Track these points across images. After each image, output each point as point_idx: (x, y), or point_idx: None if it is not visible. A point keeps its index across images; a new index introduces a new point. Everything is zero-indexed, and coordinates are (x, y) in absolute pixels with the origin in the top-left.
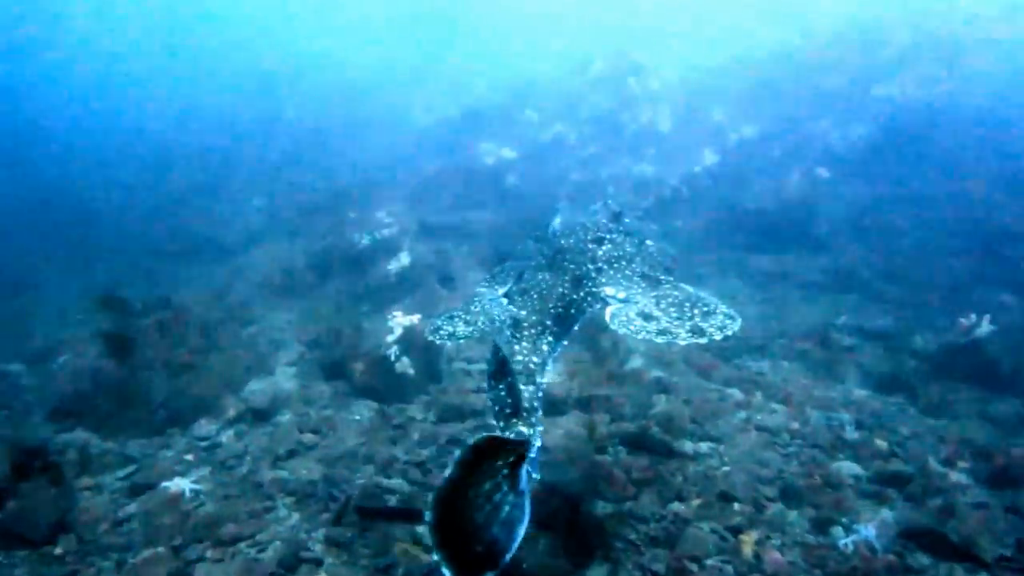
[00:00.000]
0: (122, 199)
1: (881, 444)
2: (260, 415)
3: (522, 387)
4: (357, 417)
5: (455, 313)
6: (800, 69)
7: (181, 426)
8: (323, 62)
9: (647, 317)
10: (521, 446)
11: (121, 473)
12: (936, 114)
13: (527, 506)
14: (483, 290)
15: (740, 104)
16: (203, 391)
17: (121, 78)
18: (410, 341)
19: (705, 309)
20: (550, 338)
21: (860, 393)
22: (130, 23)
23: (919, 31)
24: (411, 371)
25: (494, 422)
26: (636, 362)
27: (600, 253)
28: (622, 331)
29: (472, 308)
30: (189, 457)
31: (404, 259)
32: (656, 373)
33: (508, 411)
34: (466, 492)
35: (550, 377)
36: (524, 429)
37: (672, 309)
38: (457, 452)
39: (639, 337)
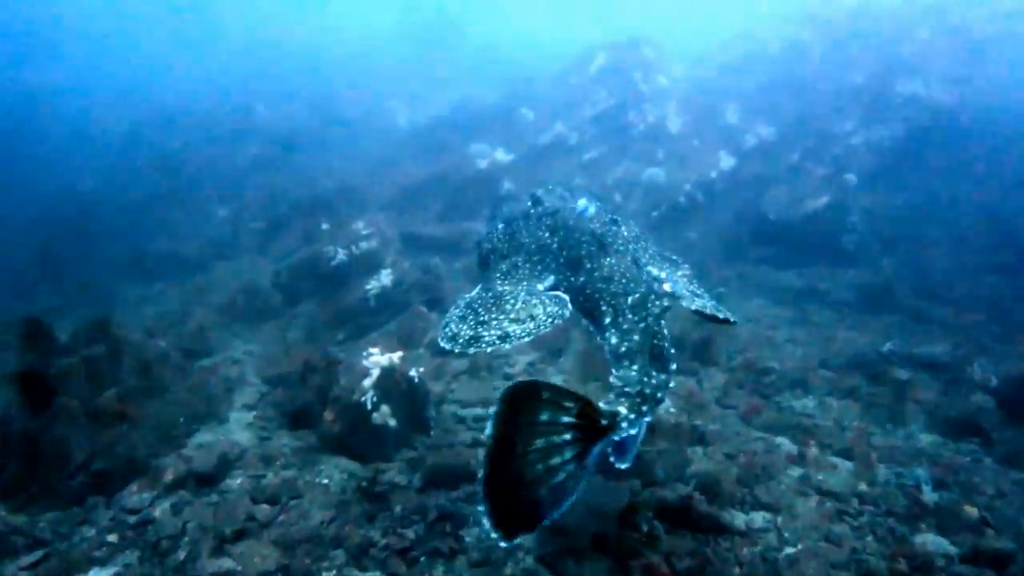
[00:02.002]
0: (79, 208)
1: (970, 511)
2: (205, 479)
3: (654, 373)
4: (325, 481)
5: (482, 318)
6: (816, 66)
7: (106, 494)
8: (297, 56)
9: (695, 295)
10: (605, 419)
11: (25, 561)
12: (965, 115)
13: (583, 482)
14: (507, 287)
15: (755, 103)
16: (136, 448)
17: (81, 77)
18: (390, 385)
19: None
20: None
21: (926, 439)
22: (88, 18)
23: (939, 27)
24: (392, 422)
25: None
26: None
27: (626, 233)
28: (694, 305)
29: (513, 306)
30: (113, 538)
31: (385, 278)
32: (687, 417)
33: (627, 389)
34: (515, 447)
35: None
36: (622, 409)
37: (703, 290)
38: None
39: (707, 312)
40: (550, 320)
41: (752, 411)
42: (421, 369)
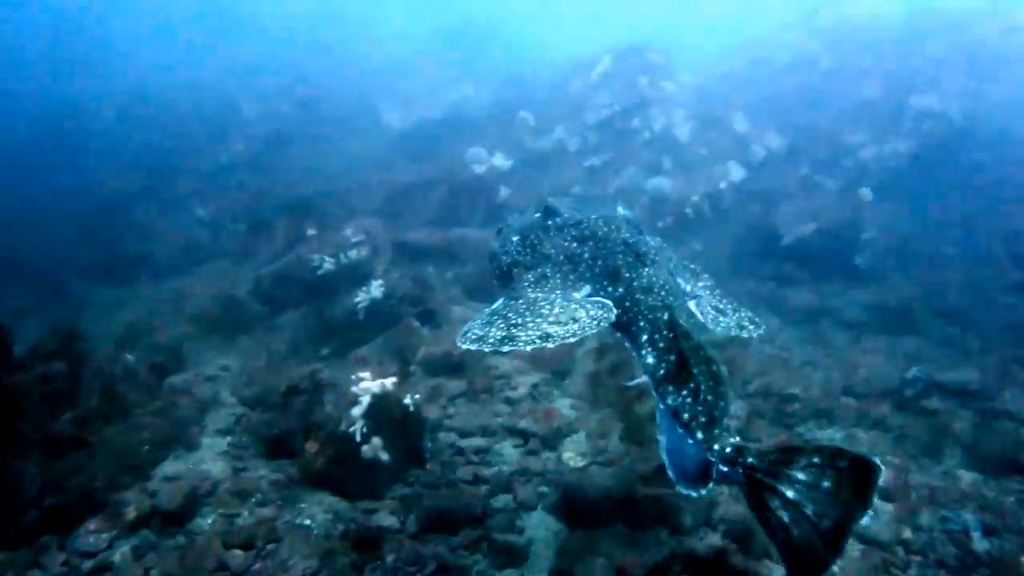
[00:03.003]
0: (52, 206)
1: None
2: (171, 518)
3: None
4: (307, 522)
5: (515, 321)
6: (826, 77)
7: (60, 533)
8: (283, 54)
9: (720, 311)
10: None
11: None
12: (979, 131)
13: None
14: (538, 295)
15: (763, 113)
16: (94, 480)
17: (62, 67)
18: (383, 413)
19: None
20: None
21: (967, 477)
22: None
23: (951, 40)
24: (384, 456)
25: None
26: None
27: (652, 243)
28: (718, 329)
29: (550, 310)
30: None
31: (375, 290)
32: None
33: (704, 420)
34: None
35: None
36: (738, 440)
37: (727, 300)
38: None
39: (731, 335)
40: (595, 323)
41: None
42: (417, 395)
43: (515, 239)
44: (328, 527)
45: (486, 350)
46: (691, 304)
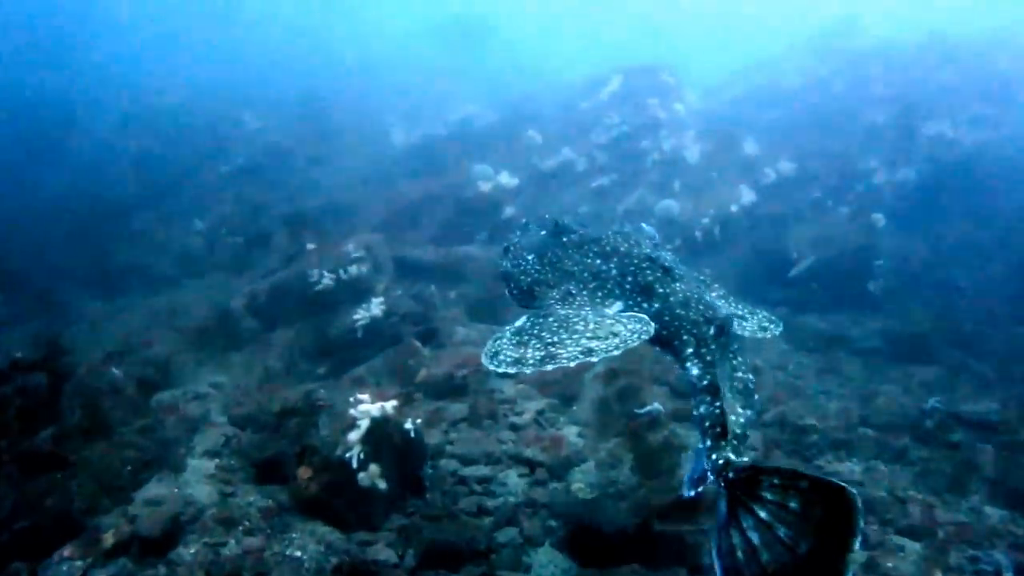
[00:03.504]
0: (45, 212)
1: None
2: (152, 546)
3: (739, 409)
4: (298, 554)
5: (550, 340)
6: (837, 101)
7: (32, 559)
8: (289, 69)
9: (739, 317)
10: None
11: None
12: (991, 158)
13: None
14: (568, 312)
15: (773, 136)
16: (71, 502)
17: (61, 75)
18: (382, 439)
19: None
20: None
21: (995, 514)
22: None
23: (963, 66)
24: (382, 484)
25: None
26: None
27: (669, 257)
28: (745, 334)
29: (585, 326)
30: None
31: (375, 308)
32: None
33: (718, 431)
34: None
35: None
36: (732, 456)
37: (742, 305)
38: None
39: (757, 337)
40: (635, 336)
41: None
42: (418, 420)
43: (530, 257)
44: (320, 560)
45: (527, 372)
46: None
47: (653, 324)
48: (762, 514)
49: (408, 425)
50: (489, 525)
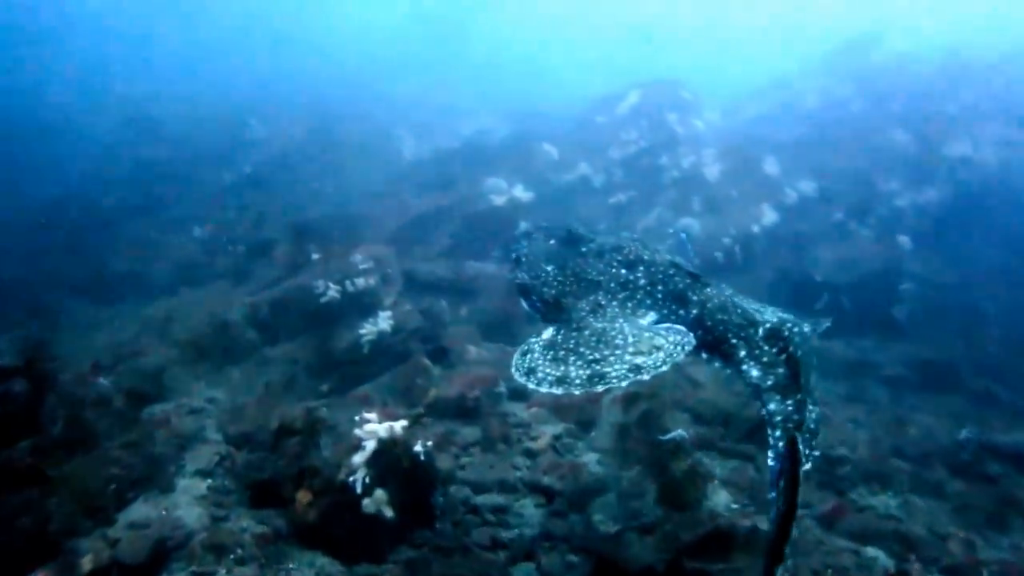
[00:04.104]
0: (39, 216)
1: None
2: (134, 573)
3: (810, 406)
4: None
5: (591, 356)
6: (857, 121)
7: None
8: (295, 77)
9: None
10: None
11: None
12: (1015, 181)
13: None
14: (601, 324)
15: (793, 156)
16: (48, 521)
17: (62, 72)
18: (389, 463)
19: None
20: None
21: None
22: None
23: (982, 86)
24: (388, 512)
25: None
26: (719, 497)
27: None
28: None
29: (625, 341)
30: None
31: (383, 322)
32: (759, 520)
33: (791, 425)
34: None
35: None
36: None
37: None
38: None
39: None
40: (679, 348)
41: (837, 514)
42: (428, 443)
43: (549, 268)
44: None
45: (576, 392)
46: None
47: (691, 334)
48: None
49: (418, 448)
50: (504, 560)
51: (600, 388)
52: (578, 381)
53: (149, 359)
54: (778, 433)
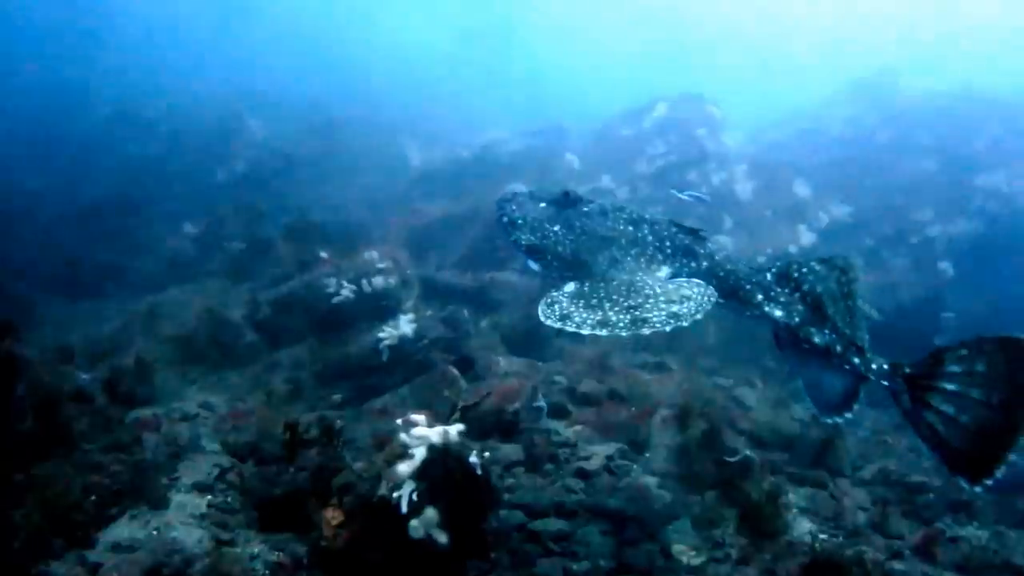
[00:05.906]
0: (21, 208)
1: None
2: None
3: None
4: None
5: (629, 303)
6: (884, 151)
7: None
8: (300, 77)
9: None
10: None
11: None
12: None
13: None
14: (627, 276)
15: (823, 181)
16: (12, 537)
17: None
18: (441, 476)
19: None
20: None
21: None
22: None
23: (1008, 121)
24: (441, 537)
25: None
26: (801, 525)
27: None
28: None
29: (655, 291)
30: None
31: (405, 326)
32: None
33: (854, 347)
34: None
35: None
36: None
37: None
38: None
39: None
40: (706, 298)
41: (928, 543)
42: (486, 454)
43: (556, 228)
44: None
45: (622, 334)
46: None
47: (710, 287)
48: (950, 387)
49: (474, 459)
50: None
51: (646, 331)
52: (621, 324)
53: (136, 357)
54: (854, 358)
